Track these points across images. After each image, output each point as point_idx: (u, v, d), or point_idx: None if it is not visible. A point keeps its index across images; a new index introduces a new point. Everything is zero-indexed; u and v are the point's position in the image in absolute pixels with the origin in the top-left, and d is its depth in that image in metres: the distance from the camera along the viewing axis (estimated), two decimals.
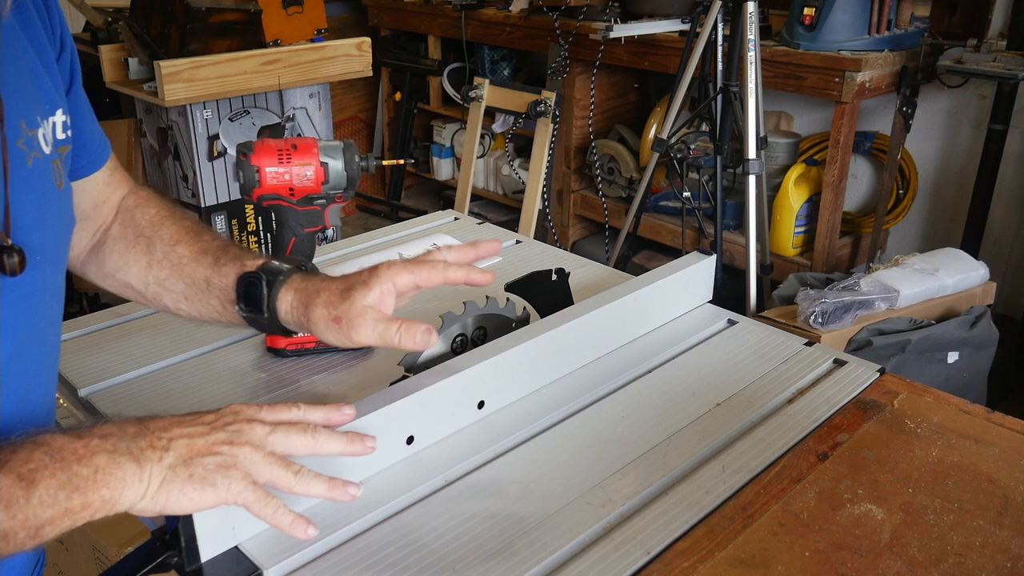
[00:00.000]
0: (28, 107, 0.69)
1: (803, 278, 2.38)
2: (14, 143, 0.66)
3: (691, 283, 1.18)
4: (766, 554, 0.75)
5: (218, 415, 0.70)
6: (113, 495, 0.63)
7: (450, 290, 1.31)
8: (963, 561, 0.75)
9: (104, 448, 0.63)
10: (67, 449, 0.62)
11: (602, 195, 3.36)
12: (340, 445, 0.73)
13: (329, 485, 0.72)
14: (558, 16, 3.17)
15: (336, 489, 0.72)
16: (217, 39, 2.53)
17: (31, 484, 0.59)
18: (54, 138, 0.72)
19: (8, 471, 0.59)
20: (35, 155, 0.69)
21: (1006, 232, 2.87)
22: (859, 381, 1.02)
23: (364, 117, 4.38)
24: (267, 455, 0.69)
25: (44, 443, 0.61)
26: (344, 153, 0.99)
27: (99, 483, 0.62)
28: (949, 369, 2.13)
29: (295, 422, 0.72)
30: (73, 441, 0.63)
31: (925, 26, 2.76)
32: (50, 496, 0.60)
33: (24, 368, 0.70)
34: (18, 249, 0.66)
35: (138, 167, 2.94)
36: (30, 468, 0.60)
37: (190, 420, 0.69)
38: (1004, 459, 0.89)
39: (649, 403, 0.98)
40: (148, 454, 0.65)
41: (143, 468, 0.64)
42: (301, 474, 0.70)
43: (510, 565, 0.73)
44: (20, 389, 0.70)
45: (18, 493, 0.59)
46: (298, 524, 0.70)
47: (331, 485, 0.72)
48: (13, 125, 0.66)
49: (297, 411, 0.73)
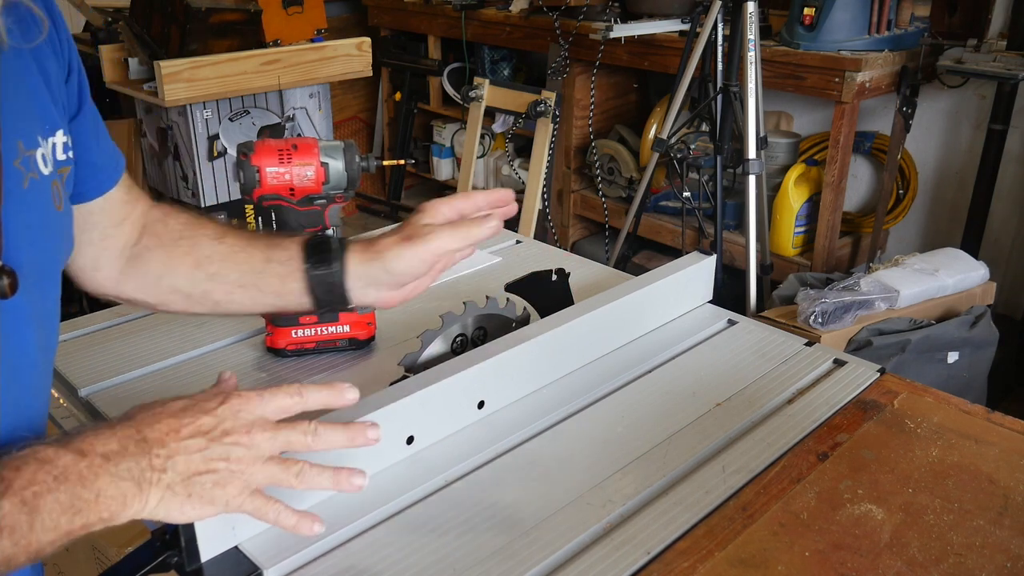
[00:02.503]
0: (28, 126, 0.67)
1: (803, 278, 2.38)
2: (10, 163, 0.64)
3: (691, 283, 1.18)
4: (766, 554, 0.75)
5: (217, 419, 0.68)
6: (112, 515, 0.63)
7: (450, 290, 1.31)
8: (963, 561, 0.75)
9: (107, 471, 0.62)
10: (71, 471, 0.61)
11: (602, 195, 3.36)
12: (341, 441, 0.72)
13: (334, 478, 0.71)
14: (558, 16, 3.17)
15: (342, 481, 0.71)
16: (217, 39, 2.53)
17: (35, 510, 0.58)
18: (54, 159, 0.70)
19: (12, 494, 0.58)
20: (32, 175, 0.67)
21: (1006, 232, 2.86)
22: (859, 381, 1.02)
23: (364, 117, 4.38)
24: (266, 462, 0.68)
25: (47, 461, 0.60)
26: (344, 153, 0.99)
27: (100, 506, 0.62)
28: (949, 369, 2.13)
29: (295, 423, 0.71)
30: (77, 461, 0.61)
31: (925, 26, 2.76)
32: (52, 521, 0.59)
33: (16, 395, 0.68)
34: (9, 271, 0.64)
35: (138, 167, 2.94)
36: (34, 491, 0.59)
37: (188, 429, 0.67)
38: (1004, 459, 0.89)
39: (649, 403, 0.98)
40: (148, 476, 0.64)
41: (142, 490, 0.64)
42: (303, 473, 0.69)
43: (510, 565, 0.74)
44: (11, 417, 0.67)
45: (22, 520, 0.58)
46: (303, 523, 0.70)
47: (336, 478, 0.71)
48: (10, 145, 0.65)
49: (298, 398, 0.71)
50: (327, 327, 1.07)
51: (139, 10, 2.67)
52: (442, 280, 1.31)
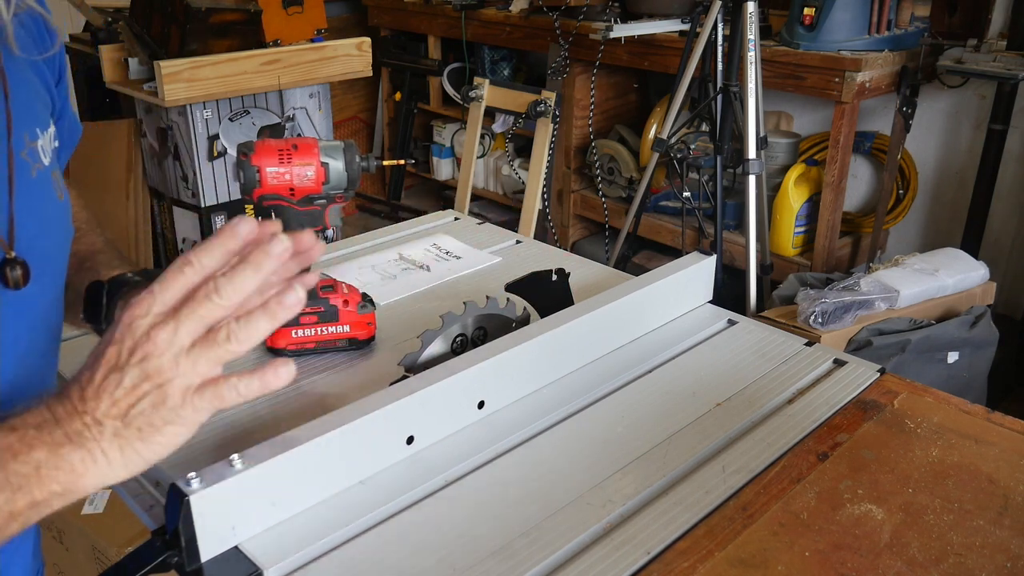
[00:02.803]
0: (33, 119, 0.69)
1: (803, 278, 2.38)
2: (19, 154, 0.66)
3: (691, 283, 1.18)
4: (766, 554, 0.75)
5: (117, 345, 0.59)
6: (68, 486, 0.58)
7: (450, 290, 1.31)
8: (963, 561, 0.75)
9: (42, 440, 0.57)
10: (1, 445, 0.56)
11: (602, 195, 3.36)
12: (250, 276, 0.59)
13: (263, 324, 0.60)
14: (558, 16, 3.17)
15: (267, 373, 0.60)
16: (217, 39, 2.53)
17: None
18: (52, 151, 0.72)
19: None
20: (38, 166, 0.68)
21: (1006, 232, 2.87)
22: (859, 381, 1.02)
23: (364, 117, 4.38)
24: (188, 352, 0.59)
25: None
26: (345, 153, 0.99)
27: (44, 479, 0.57)
28: (949, 369, 2.13)
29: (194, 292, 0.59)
30: (6, 435, 0.57)
31: (925, 26, 2.76)
32: None
33: (27, 383, 0.68)
34: (21, 262, 0.65)
35: (138, 167, 2.94)
36: None
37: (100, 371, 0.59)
38: (1004, 459, 0.89)
39: (649, 403, 0.98)
40: (85, 434, 0.58)
41: (88, 450, 0.58)
42: (233, 333, 0.59)
43: (510, 565, 0.73)
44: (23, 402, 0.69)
45: None
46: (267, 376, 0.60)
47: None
48: (19, 136, 0.66)
49: (189, 269, 0.59)
50: (327, 327, 1.07)
51: (139, 10, 2.67)
52: (442, 280, 1.31)
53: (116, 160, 2.92)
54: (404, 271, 1.34)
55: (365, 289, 1.20)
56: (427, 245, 1.43)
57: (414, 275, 1.33)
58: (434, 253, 1.41)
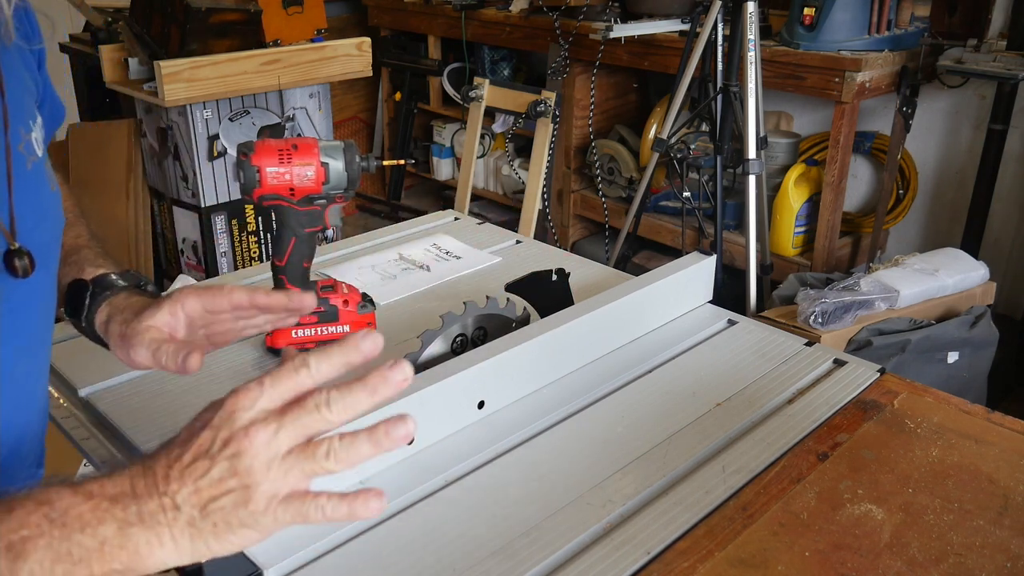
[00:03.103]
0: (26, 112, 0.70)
1: (803, 278, 2.38)
2: (16, 148, 0.67)
3: (691, 283, 1.18)
4: (766, 554, 0.75)
5: (214, 431, 0.57)
6: (129, 565, 0.55)
7: (450, 290, 1.31)
8: (963, 561, 0.75)
9: (113, 515, 0.55)
10: (71, 513, 0.54)
11: (602, 195, 3.36)
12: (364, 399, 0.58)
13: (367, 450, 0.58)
14: (558, 16, 3.17)
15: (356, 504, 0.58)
16: (217, 39, 2.53)
17: (19, 556, 0.52)
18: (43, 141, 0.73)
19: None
20: (32, 159, 0.70)
21: (1006, 232, 2.86)
22: (859, 381, 1.02)
23: (364, 117, 4.38)
24: (284, 459, 0.57)
25: (46, 503, 0.54)
26: (345, 153, 0.99)
27: (107, 556, 0.54)
28: (949, 369, 2.13)
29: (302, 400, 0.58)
30: (80, 504, 0.55)
31: (925, 26, 2.76)
32: (44, 570, 0.53)
33: (27, 370, 0.70)
34: (27, 251, 0.66)
35: (138, 167, 2.94)
36: (22, 536, 0.52)
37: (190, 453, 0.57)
38: (1004, 459, 0.89)
39: (649, 403, 0.98)
40: (159, 517, 0.56)
41: (157, 534, 0.56)
42: (333, 452, 0.57)
43: (510, 565, 0.74)
44: (23, 391, 0.70)
45: (2, 566, 0.52)
46: (357, 506, 0.58)
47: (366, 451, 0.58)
48: (15, 130, 0.67)
49: (305, 371, 0.58)
50: (327, 327, 1.07)
51: (139, 10, 2.67)
52: (442, 280, 1.31)
53: (116, 160, 2.92)
54: (404, 271, 1.34)
55: (365, 289, 1.20)
56: (427, 245, 1.43)
57: (414, 275, 1.33)
58: (434, 253, 1.41)
